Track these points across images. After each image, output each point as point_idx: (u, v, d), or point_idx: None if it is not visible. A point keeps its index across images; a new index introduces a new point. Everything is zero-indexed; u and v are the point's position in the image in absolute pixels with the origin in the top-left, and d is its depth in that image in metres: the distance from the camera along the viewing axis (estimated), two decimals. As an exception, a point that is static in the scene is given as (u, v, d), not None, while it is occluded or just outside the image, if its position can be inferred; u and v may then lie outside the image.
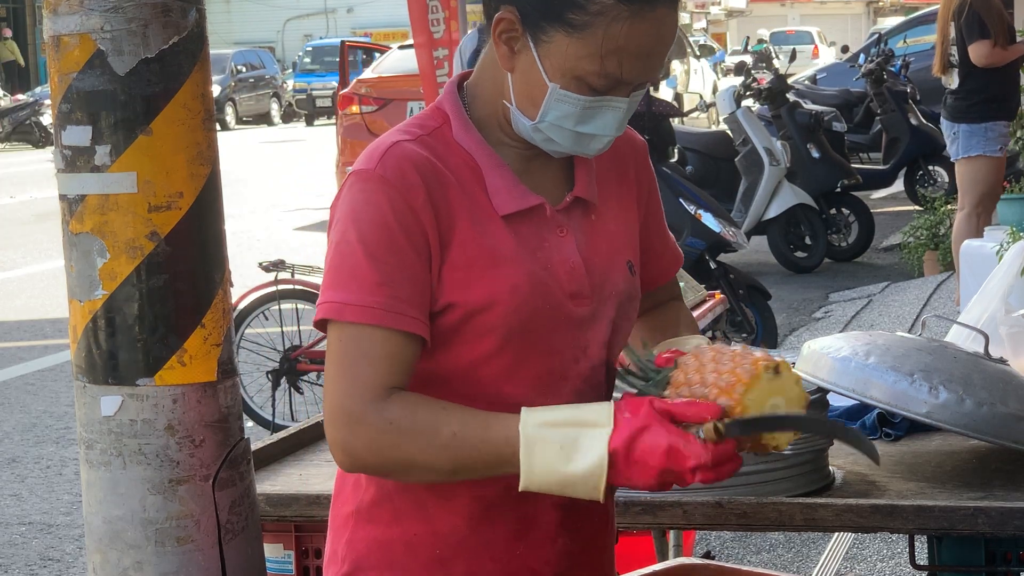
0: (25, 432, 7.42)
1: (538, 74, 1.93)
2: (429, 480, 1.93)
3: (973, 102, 7.99)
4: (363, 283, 1.89)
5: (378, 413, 1.87)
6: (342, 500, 2.08)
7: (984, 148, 8.00)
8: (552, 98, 1.92)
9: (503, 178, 1.98)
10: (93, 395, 2.23)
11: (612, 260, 2.06)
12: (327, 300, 1.92)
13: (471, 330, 1.94)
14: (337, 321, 1.90)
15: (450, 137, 1.99)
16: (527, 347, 1.96)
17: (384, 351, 1.89)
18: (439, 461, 1.86)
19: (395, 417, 1.87)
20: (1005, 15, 8.04)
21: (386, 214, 1.90)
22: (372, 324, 1.88)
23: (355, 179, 1.95)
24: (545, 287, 1.96)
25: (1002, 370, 2.56)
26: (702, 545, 5.08)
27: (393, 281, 1.89)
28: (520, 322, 1.94)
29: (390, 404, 1.87)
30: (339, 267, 1.91)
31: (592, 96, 1.92)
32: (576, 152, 1.99)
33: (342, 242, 1.92)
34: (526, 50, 1.93)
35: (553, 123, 1.94)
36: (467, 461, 1.86)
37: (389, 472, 1.93)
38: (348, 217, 1.92)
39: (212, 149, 2.26)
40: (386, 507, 2.01)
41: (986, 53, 7.86)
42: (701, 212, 8.20)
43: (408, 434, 1.86)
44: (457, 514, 1.99)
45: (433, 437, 1.86)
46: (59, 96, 2.21)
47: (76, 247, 2.22)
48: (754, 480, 2.40)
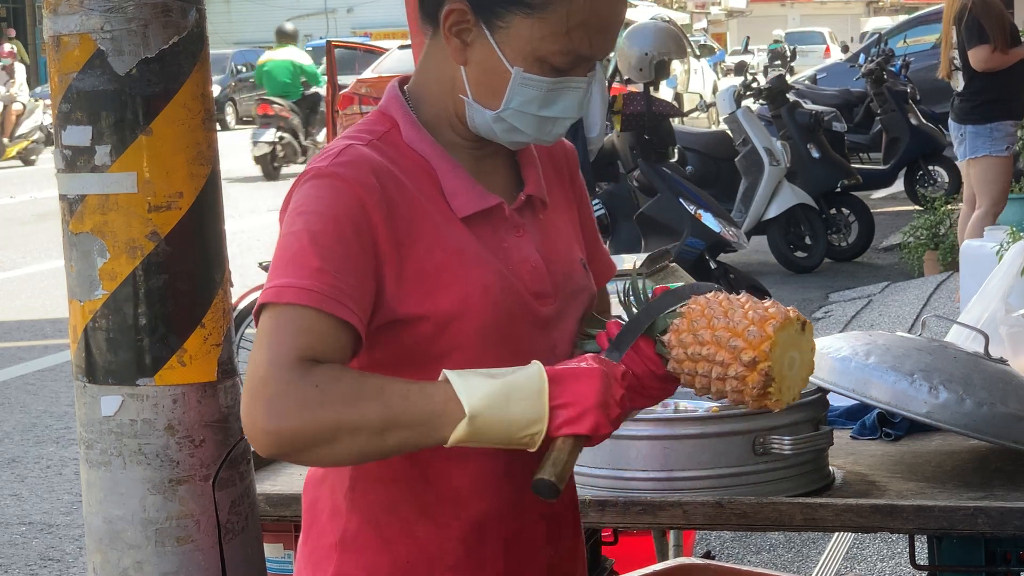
0: (25, 432, 7.42)
1: (497, 61, 1.89)
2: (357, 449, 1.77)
3: (977, 103, 8.09)
4: (304, 268, 1.81)
5: (302, 378, 1.75)
6: (318, 531, 1.99)
7: (990, 148, 8.09)
8: (516, 83, 1.88)
9: (460, 179, 1.94)
10: (93, 395, 2.23)
11: (568, 258, 2.03)
12: (267, 287, 1.84)
13: (447, 339, 1.88)
14: (273, 304, 1.81)
15: (400, 141, 1.94)
16: (504, 351, 1.90)
17: (315, 329, 1.79)
18: (368, 415, 1.74)
19: (320, 379, 1.75)
20: (1007, 18, 8.08)
21: (334, 206, 1.85)
22: (308, 305, 1.79)
23: (308, 177, 1.90)
24: (513, 287, 1.93)
25: (1002, 370, 2.56)
26: (702, 545, 5.08)
27: (336, 270, 1.81)
28: (494, 325, 1.89)
29: (315, 369, 1.76)
30: (282, 257, 1.85)
31: (555, 77, 1.89)
32: (537, 139, 1.95)
33: (288, 234, 1.86)
34: (480, 39, 1.89)
35: (517, 109, 1.90)
36: (397, 411, 1.75)
37: (311, 444, 1.76)
38: (296, 211, 1.87)
39: (212, 149, 2.26)
40: (373, 533, 1.94)
41: (985, 57, 7.96)
42: (701, 212, 8.19)
43: (334, 394, 1.74)
44: (449, 536, 1.93)
45: (358, 391, 1.75)
46: (59, 96, 2.21)
47: (76, 247, 2.22)
48: (754, 480, 2.40)
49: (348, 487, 1.95)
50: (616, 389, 1.79)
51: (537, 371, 1.78)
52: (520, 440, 1.77)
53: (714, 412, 2.43)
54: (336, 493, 1.96)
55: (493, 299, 1.90)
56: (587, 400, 1.77)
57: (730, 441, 2.40)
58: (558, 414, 1.76)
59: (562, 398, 1.77)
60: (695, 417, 2.42)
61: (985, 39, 7.93)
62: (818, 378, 2.51)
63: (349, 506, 1.94)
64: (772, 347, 1.82)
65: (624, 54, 8.82)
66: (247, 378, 1.80)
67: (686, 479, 2.40)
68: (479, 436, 1.76)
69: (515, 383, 1.76)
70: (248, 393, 1.78)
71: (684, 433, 2.41)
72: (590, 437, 1.78)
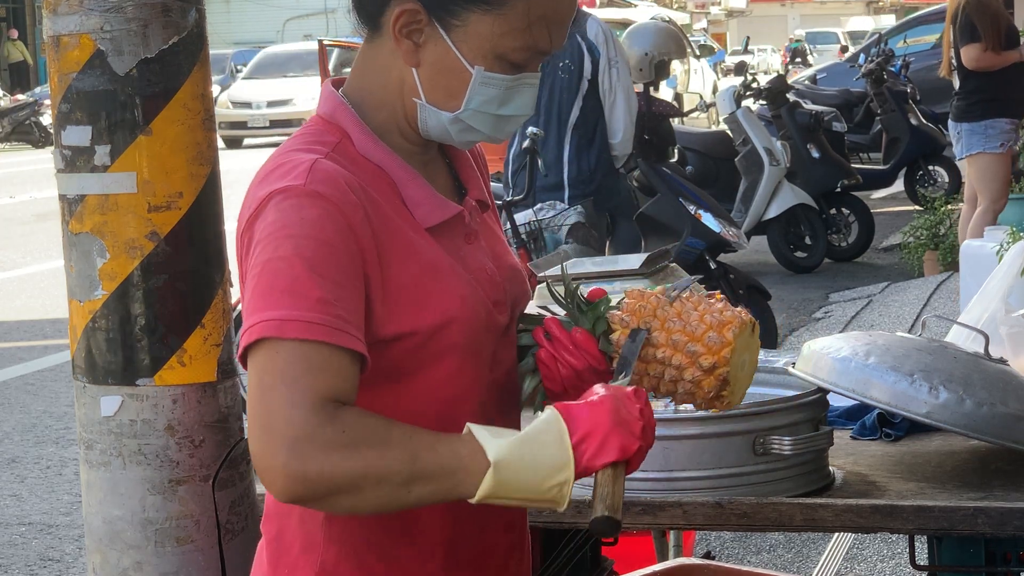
0: (25, 432, 7.42)
1: (454, 61, 1.83)
2: (379, 501, 1.70)
3: (972, 101, 8.19)
4: (304, 299, 1.70)
5: (328, 424, 1.66)
6: (289, 565, 1.88)
7: (984, 145, 8.19)
8: (477, 83, 1.83)
9: (420, 189, 1.87)
10: (93, 395, 2.23)
11: (510, 263, 1.99)
12: (262, 319, 1.70)
13: (427, 353, 1.82)
14: (274, 339, 1.69)
15: (353, 152, 1.85)
16: (476, 361, 1.88)
17: (331, 366, 1.69)
18: (395, 466, 1.67)
19: (347, 425, 1.67)
20: (1003, 19, 8.12)
21: (325, 229, 1.74)
22: (317, 340, 1.69)
23: (283, 196, 1.76)
24: (480, 297, 1.88)
25: (1002, 370, 2.56)
26: (702, 545, 5.08)
27: (336, 299, 1.72)
28: (472, 336, 1.85)
29: (340, 414, 1.68)
30: (272, 285, 1.71)
31: (513, 74, 1.84)
32: (491, 138, 1.90)
33: (274, 259, 1.72)
34: (434, 39, 1.83)
35: (477, 110, 1.85)
36: (424, 462, 1.69)
37: (337, 491, 1.67)
38: (279, 234, 1.73)
39: (212, 149, 2.26)
40: (352, 563, 1.86)
41: (975, 56, 8.07)
42: (701, 212, 8.19)
43: (361, 440, 1.67)
44: (429, 558, 1.88)
45: (386, 439, 1.68)
46: (59, 96, 2.21)
47: (76, 247, 2.22)
48: (754, 480, 2.40)
49: (323, 518, 1.85)
50: (630, 405, 1.76)
51: (554, 416, 1.74)
52: (549, 491, 1.72)
53: (714, 412, 2.43)
54: (309, 525, 1.86)
55: (470, 310, 1.85)
56: (603, 425, 1.73)
57: (730, 441, 2.40)
58: (582, 450, 1.73)
59: (579, 432, 1.73)
60: (695, 417, 2.42)
61: (977, 38, 8.03)
62: (818, 378, 2.51)
63: (326, 538, 1.85)
64: (731, 353, 1.83)
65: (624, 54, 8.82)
66: (260, 417, 1.68)
67: (686, 479, 2.40)
68: (505, 488, 1.71)
69: (536, 432, 1.73)
70: (267, 433, 1.67)
71: (684, 433, 2.41)
72: (627, 461, 1.75)
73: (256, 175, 1.85)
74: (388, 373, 1.82)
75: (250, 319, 1.72)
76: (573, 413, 1.75)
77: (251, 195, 1.82)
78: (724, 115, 11.38)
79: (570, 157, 7.40)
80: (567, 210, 7.39)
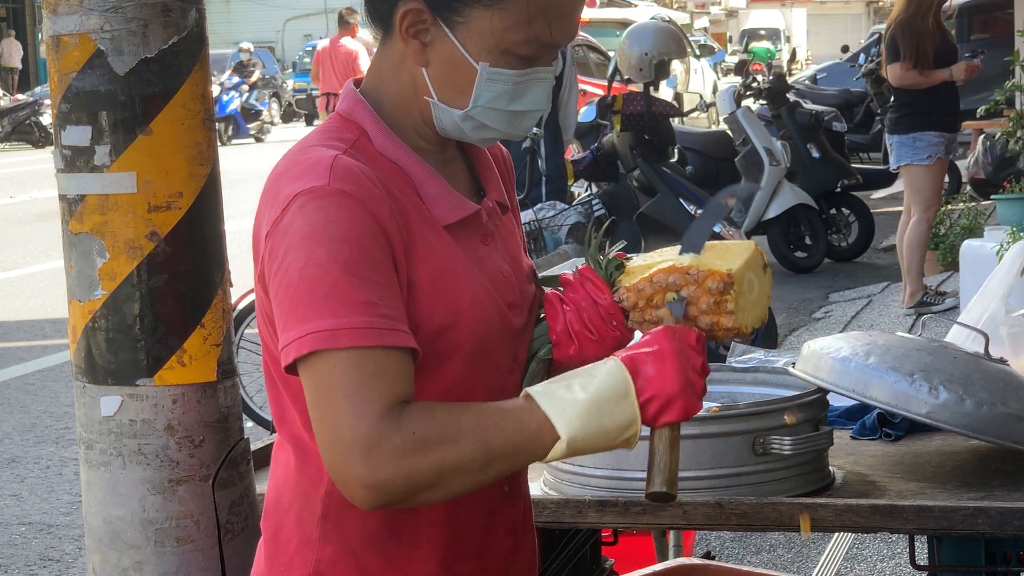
0: (25, 432, 7.42)
1: (461, 59, 1.83)
2: (462, 486, 1.73)
3: (902, 114, 8.52)
4: (348, 304, 1.70)
5: (397, 429, 1.68)
6: (284, 563, 1.88)
7: (912, 157, 8.47)
8: (483, 79, 1.83)
9: (438, 186, 1.87)
10: (93, 395, 2.23)
11: (524, 266, 1.99)
12: (310, 331, 1.70)
13: (434, 352, 1.81)
14: (326, 351, 1.70)
15: (371, 149, 1.85)
16: (486, 363, 1.87)
17: (389, 369, 1.71)
18: (469, 455, 1.70)
19: (415, 426, 1.69)
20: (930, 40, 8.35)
21: (355, 228, 1.73)
22: (370, 345, 1.70)
23: (307, 198, 1.75)
24: (494, 299, 1.88)
25: (1002, 370, 2.56)
26: (702, 545, 5.08)
27: (380, 298, 1.72)
28: (481, 338, 1.85)
29: (405, 415, 1.70)
30: (311, 293, 1.71)
31: (521, 69, 1.85)
32: (507, 134, 1.90)
33: (309, 266, 1.72)
34: (440, 38, 1.83)
35: (487, 106, 1.85)
36: (496, 445, 1.71)
37: (419, 490, 1.70)
38: (310, 239, 1.73)
39: (212, 149, 2.26)
40: (350, 562, 1.85)
41: (898, 75, 8.42)
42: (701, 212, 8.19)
43: (432, 438, 1.69)
44: (426, 557, 1.87)
45: (456, 432, 1.70)
46: (59, 96, 2.21)
47: (76, 247, 2.22)
48: (754, 480, 2.40)
49: (320, 516, 1.85)
50: (694, 358, 1.78)
51: (620, 372, 1.75)
52: (617, 444, 1.77)
53: (714, 412, 2.43)
54: (306, 522, 1.86)
55: (482, 312, 1.85)
56: (671, 386, 1.76)
57: (730, 441, 2.40)
58: (647, 409, 1.76)
59: (646, 392, 1.76)
60: (695, 417, 2.42)
61: (899, 57, 8.35)
62: (818, 378, 2.51)
63: (322, 536, 1.85)
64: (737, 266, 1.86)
65: (624, 54, 8.83)
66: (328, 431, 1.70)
67: (686, 479, 2.39)
68: (577, 452, 1.75)
69: (602, 393, 1.74)
70: (338, 447, 1.69)
71: (684, 433, 2.40)
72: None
73: (273, 171, 1.84)
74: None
75: (295, 330, 1.72)
76: (640, 368, 1.76)
77: (272, 194, 1.80)
78: (724, 115, 11.39)
79: (547, 153, 7.44)
80: (567, 210, 7.40)
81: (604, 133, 9.09)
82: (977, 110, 8.37)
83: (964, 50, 13.55)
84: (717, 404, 2.49)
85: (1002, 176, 10.69)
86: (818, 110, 12.05)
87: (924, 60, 8.32)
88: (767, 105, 11.85)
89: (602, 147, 8.83)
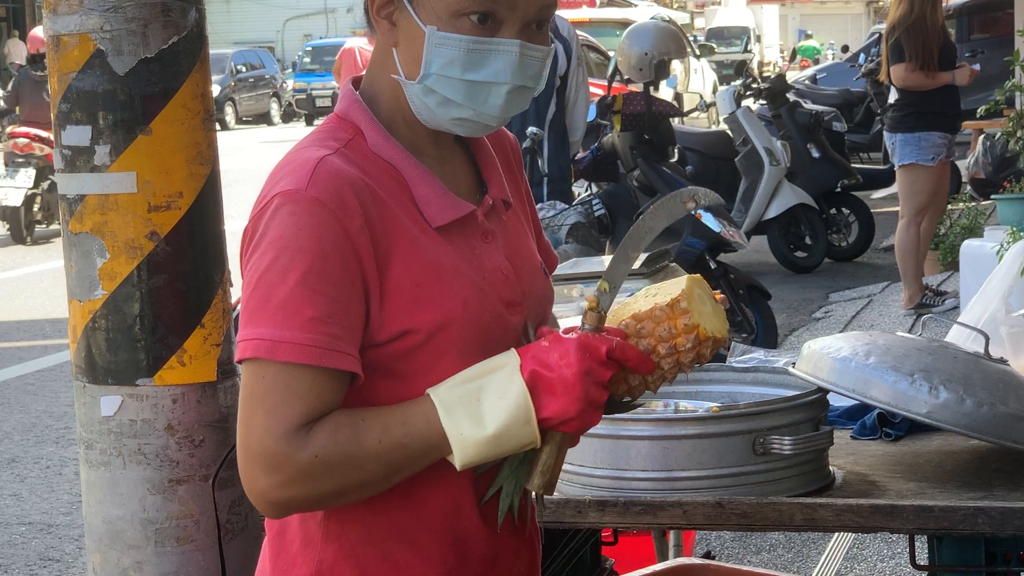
0: (25, 432, 7.42)
1: (416, 27, 1.81)
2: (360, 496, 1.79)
3: (907, 113, 8.44)
4: (295, 317, 1.72)
5: (301, 450, 1.72)
6: (287, 562, 1.89)
7: (917, 157, 8.41)
8: (432, 44, 1.80)
9: (431, 187, 1.86)
10: (93, 395, 2.23)
11: (533, 263, 1.98)
12: (255, 336, 1.73)
13: (424, 355, 1.81)
14: (263, 360, 1.73)
15: (366, 148, 1.85)
16: (476, 362, 1.84)
17: (314, 389, 1.73)
18: (370, 476, 1.76)
19: (319, 449, 1.73)
20: (935, 40, 8.28)
21: (321, 241, 1.74)
22: (304, 363, 1.72)
23: (283, 200, 1.76)
24: (488, 299, 1.86)
25: (1002, 370, 2.56)
26: (702, 545, 5.08)
27: (329, 315, 1.73)
28: (472, 340, 1.83)
29: (312, 436, 1.73)
30: (266, 299, 1.73)
31: (476, 36, 1.80)
32: (477, 111, 1.84)
33: (270, 271, 1.74)
34: (403, 12, 1.82)
35: (439, 74, 1.81)
36: (397, 462, 1.76)
37: (319, 505, 1.79)
38: (277, 243, 1.74)
39: (212, 149, 2.26)
40: (351, 563, 1.85)
41: (902, 76, 8.35)
42: (701, 212, 8.19)
43: (334, 463, 1.73)
44: (428, 560, 1.86)
45: (359, 456, 1.74)
46: (59, 96, 2.21)
47: (76, 247, 2.22)
48: (754, 480, 2.40)
49: (323, 516, 1.86)
50: (601, 373, 1.76)
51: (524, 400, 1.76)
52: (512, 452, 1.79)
53: (714, 412, 2.43)
54: (308, 522, 1.87)
55: (472, 314, 1.84)
56: (570, 411, 1.76)
57: (730, 441, 2.40)
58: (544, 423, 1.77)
59: (545, 412, 1.76)
60: (695, 417, 2.42)
61: (904, 58, 8.29)
62: (818, 378, 2.51)
63: (324, 536, 1.86)
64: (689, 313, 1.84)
65: (624, 54, 8.82)
66: (241, 438, 1.75)
67: (686, 479, 2.40)
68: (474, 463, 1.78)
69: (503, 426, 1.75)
70: (247, 458, 1.74)
71: (684, 433, 2.41)
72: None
73: (272, 169, 1.86)
74: (389, 372, 1.82)
75: (244, 331, 1.75)
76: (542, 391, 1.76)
77: (262, 191, 1.83)
78: (724, 115, 11.39)
79: (550, 154, 7.44)
80: (567, 210, 7.40)
81: (604, 133, 9.09)
82: (977, 110, 8.34)
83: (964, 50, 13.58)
84: (717, 404, 2.49)
85: (1002, 176, 10.69)
86: (818, 110, 12.05)
87: (930, 61, 8.25)
88: (767, 105, 11.84)
89: (602, 147, 8.83)
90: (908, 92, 8.38)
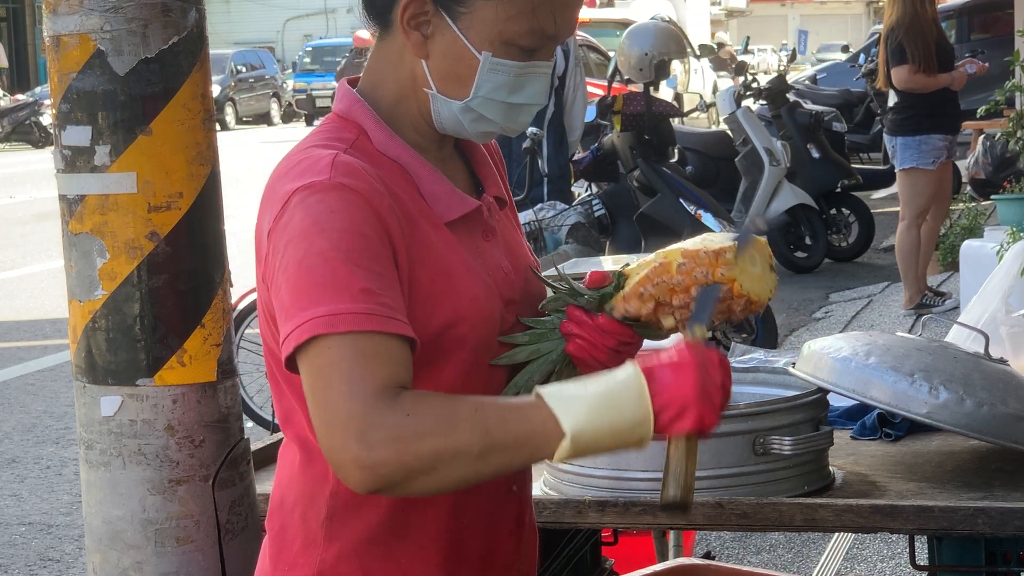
0: (25, 432, 7.42)
1: (462, 49, 1.82)
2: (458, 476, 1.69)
3: (907, 116, 8.43)
4: (347, 291, 1.69)
5: (391, 409, 1.65)
6: (288, 562, 1.87)
7: (918, 161, 8.41)
8: (485, 69, 1.83)
9: (439, 184, 1.87)
10: (93, 395, 2.23)
11: (526, 261, 1.98)
12: (310, 318, 1.69)
13: (435, 350, 1.80)
14: (324, 335, 1.68)
15: (371, 148, 1.85)
16: (484, 359, 1.86)
17: (385, 353, 1.68)
18: (467, 441, 1.66)
19: (410, 408, 1.66)
20: (934, 41, 8.26)
21: (355, 219, 1.73)
22: (368, 330, 1.68)
23: (308, 192, 1.75)
24: (494, 297, 1.87)
25: (1002, 370, 2.56)
26: (702, 545, 5.08)
27: (380, 288, 1.71)
28: (481, 336, 1.84)
29: (401, 398, 1.67)
30: (312, 282, 1.70)
31: (522, 61, 1.84)
32: (505, 128, 1.89)
33: (309, 255, 1.71)
34: (442, 29, 1.83)
35: (487, 97, 1.84)
36: (497, 435, 1.67)
37: (414, 475, 1.66)
38: (311, 230, 1.72)
39: (212, 149, 2.26)
40: (353, 563, 1.84)
41: (904, 78, 8.31)
42: (701, 212, 8.19)
43: (427, 421, 1.66)
44: (428, 558, 1.85)
45: (454, 418, 1.66)
46: (59, 96, 2.21)
47: (76, 247, 2.22)
48: (754, 480, 2.40)
49: (325, 516, 1.85)
50: (715, 373, 1.73)
51: (635, 375, 1.71)
52: (628, 443, 1.73)
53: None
54: (310, 522, 1.86)
55: (482, 310, 1.84)
56: (686, 395, 1.71)
57: (730, 441, 2.40)
58: (660, 417, 1.71)
59: (661, 397, 1.71)
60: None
61: (906, 60, 8.25)
62: (818, 378, 2.51)
63: (326, 536, 1.84)
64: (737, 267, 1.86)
65: (624, 54, 8.83)
66: (323, 414, 1.68)
67: (686, 479, 2.40)
68: (584, 451, 1.70)
69: (614, 393, 1.70)
70: (332, 429, 1.66)
71: (684, 433, 2.41)
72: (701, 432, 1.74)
73: (274, 172, 1.84)
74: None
75: (295, 319, 1.70)
76: (656, 375, 1.72)
77: (273, 192, 1.80)
78: (724, 115, 11.38)
79: (549, 153, 7.45)
80: (567, 210, 7.40)
81: (604, 133, 9.09)
82: (977, 110, 8.34)
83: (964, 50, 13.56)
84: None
85: (1002, 176, 10.68)
86: (818, 110, 12.05)
87: (930, 62, 8.24)
88: (767, 105, 11.84)
89: (602, 147, 8.84)
90: (908, 95, 8.35)
